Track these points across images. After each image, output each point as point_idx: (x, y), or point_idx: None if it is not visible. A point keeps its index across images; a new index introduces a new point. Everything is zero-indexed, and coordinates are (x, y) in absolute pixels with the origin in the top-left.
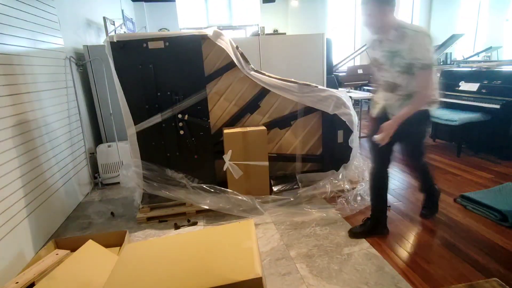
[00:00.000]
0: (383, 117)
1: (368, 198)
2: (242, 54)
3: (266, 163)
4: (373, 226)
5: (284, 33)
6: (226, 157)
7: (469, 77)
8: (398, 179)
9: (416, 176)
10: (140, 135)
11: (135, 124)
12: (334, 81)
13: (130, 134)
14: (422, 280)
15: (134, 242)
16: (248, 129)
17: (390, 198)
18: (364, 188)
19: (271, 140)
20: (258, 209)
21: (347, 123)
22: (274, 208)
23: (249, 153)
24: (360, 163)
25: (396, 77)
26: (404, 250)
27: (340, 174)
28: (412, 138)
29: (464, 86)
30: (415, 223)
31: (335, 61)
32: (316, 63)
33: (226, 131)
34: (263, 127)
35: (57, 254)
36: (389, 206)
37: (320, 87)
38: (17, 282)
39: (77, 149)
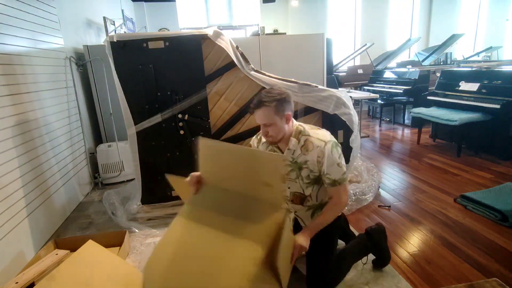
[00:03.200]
0: (295, 226)
1: (367, 198)
2: (242, 54)
3: None
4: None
5: (284, 33)
6: None
7: (469, 77)
8: (398, 179)
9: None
10: (140, 135)
11: (135, 124)
12: (334, 81)
13: (130, 134)
14: (422, 280)
15: (134, 242)
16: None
17: (390, 198)
18: (364, 188)
19: None
20: None
21: (347, 123)
22: None
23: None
24: (360, 163)
25: (304, 189)
26: (404, 250)
27: None
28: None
29: (464, 86)
30: (415, 223)
31: (335, 61)
32: (316, 63)
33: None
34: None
35: (56, 254)
36: (389, 206)
37: (320, 87)
38: (17, 282)
39: (77, 149)
